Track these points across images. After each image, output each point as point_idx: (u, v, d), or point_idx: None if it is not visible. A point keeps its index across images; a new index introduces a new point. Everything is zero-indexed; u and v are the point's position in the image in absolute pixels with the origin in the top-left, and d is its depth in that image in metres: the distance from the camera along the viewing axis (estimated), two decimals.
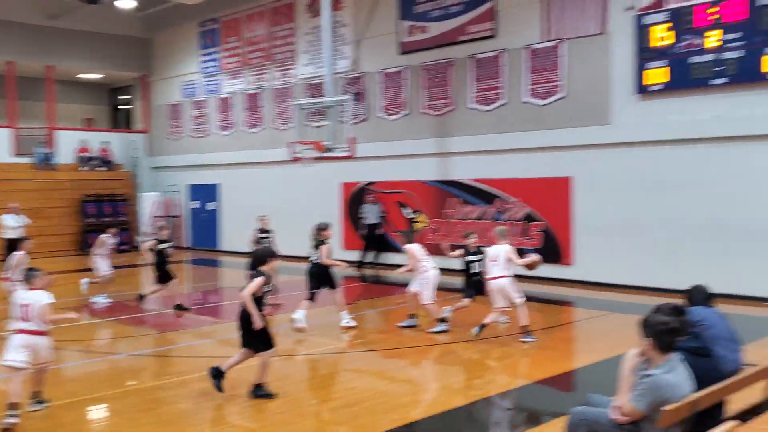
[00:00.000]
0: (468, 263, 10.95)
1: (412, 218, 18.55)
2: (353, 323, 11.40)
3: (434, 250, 17.88)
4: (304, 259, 11.94)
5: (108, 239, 14.55)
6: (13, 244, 18.58)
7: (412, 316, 11.26)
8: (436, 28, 17.73)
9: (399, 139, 18.67)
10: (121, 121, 30.76)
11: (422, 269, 11.06)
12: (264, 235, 15.11)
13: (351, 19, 19.62)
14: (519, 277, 10.78)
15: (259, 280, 7.49)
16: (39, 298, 7.09)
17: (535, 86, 16.03)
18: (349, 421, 7.12)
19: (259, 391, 7.66)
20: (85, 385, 8.80)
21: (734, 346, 6.14)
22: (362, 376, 8.94)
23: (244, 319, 7.49)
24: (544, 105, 15.91)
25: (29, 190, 23.34)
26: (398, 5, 18.46)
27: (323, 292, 11.20)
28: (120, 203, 25.41)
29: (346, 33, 19.70)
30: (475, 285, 10.89)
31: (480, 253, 10.87)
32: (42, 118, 25.43)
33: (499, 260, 10.18)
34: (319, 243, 11.18)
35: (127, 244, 25.15)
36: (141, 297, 13.48)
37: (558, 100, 15.70)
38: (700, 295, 6.52)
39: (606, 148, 15.02)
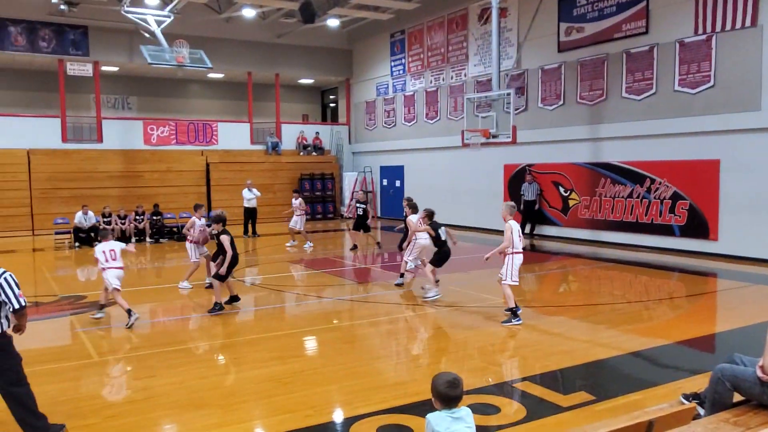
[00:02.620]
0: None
1: (566, 196, 17.62)
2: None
3: (587, 224, 17.00)
4: (470, 228, 11.67)
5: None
6: (249, 212, 19.98)
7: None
8: (591, 28, 16.56)
9: (555, 126, 17.78)
10: (329, 116, 31.95)
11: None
12: (360, 205, 16.30)
13: (515, 24, 18.85)
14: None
15: None
16: None
17: (686, 77, 14.51)
18: (507, 361, 6.85)
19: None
20: (305, 320, 9.21)
21: None
22: (518, 328, 8.58)
23: None
24: (694, 94, 14.36)
25: (261, 170, 24.93)
26: (558, 10, 17.44)
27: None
28: (328, 180, 26.45)
29: (511, 36, 18.99)
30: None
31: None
32: (271, 115, 26.98)
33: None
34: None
35: (332, 213, 26.27)
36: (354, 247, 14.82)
37: (708, 88, 14.11)
38: None
39: (755, 132, 13.30)
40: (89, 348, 7.64)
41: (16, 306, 4.79)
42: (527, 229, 18.59)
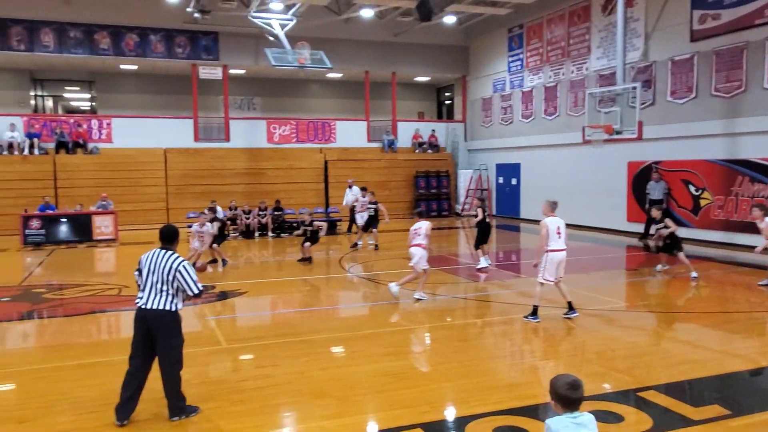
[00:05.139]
0: None
1: (697, 195, 16.51)
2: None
3: (721, 225, 15.84)
4: (590, 228, 11.23)
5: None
6: (352, 211, 20.21)
7: None
8: (729, 14, 15.37)
9: (685, 121, 16.69)
10: (444, 113, 31.90)
11: None
12: (371, 206, 16.97)
13: (643, 13, 17.87)
14: None
15: None
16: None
17: None
18: (627, 370, 6.55)
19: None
20: (419, 317, 9.31)
21: None
22: (642, 333, 8.16)
23: None
24: None
25: (378, 168, 25.40)
26: None
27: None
28: (443, 178, 26.42)
29: (638, 27, 18.02)
30: None
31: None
32: (387, 113, 27.37)
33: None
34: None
35: (447, 211, 26.25)
36: None
37: None
38: None
39: None
40: (218, 335, 8.16)
41: (196, 291, 5.42)
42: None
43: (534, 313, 8.58)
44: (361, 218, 17.32)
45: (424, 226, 10.10)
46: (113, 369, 6.28)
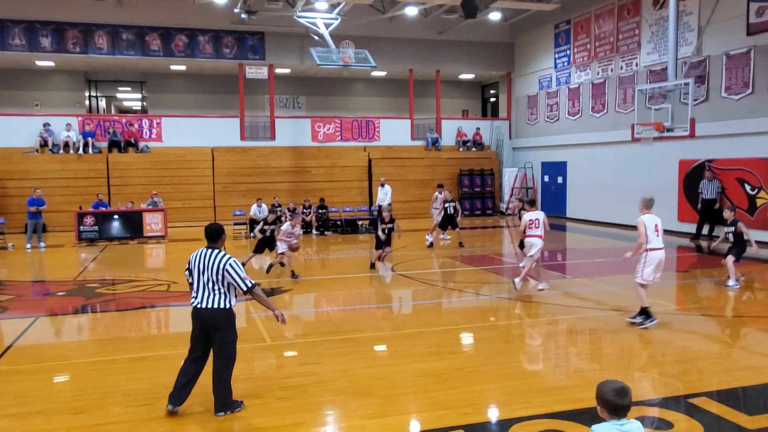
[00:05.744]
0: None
1: (753, 195, 15.94)
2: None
3: None
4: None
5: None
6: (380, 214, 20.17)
7: None
8: None
9: (741, 118, 16.12)
10: (489, 111, 31.63)
11: None
12: (449, 203, 16.53)
13: (696, 7, 17.34)
14: None
15: None
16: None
17: None
18: (678, 375, 6.38)
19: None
20: (462, 317, 9.28)
21: None
22: (693, 337, 7.94)
23: None
24: None
25: (420, 166, 25.39)
26: None
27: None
28: (487, 176, 26.22)
29: (690, 21, 17.50)
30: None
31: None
32: (431, 111, 27.29)
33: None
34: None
35: (491, 209, 26.05)
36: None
37: None
38: None
39: None
40: (263, 332, 8.28)
41: (244, 288, 5.45)
42: (705, 230, 17.12)
43: (648, 315, 8.18)
44: (438, 215, 17.29)
45: (542, 217, 10.47)
46: (163, 363, 6.46)
